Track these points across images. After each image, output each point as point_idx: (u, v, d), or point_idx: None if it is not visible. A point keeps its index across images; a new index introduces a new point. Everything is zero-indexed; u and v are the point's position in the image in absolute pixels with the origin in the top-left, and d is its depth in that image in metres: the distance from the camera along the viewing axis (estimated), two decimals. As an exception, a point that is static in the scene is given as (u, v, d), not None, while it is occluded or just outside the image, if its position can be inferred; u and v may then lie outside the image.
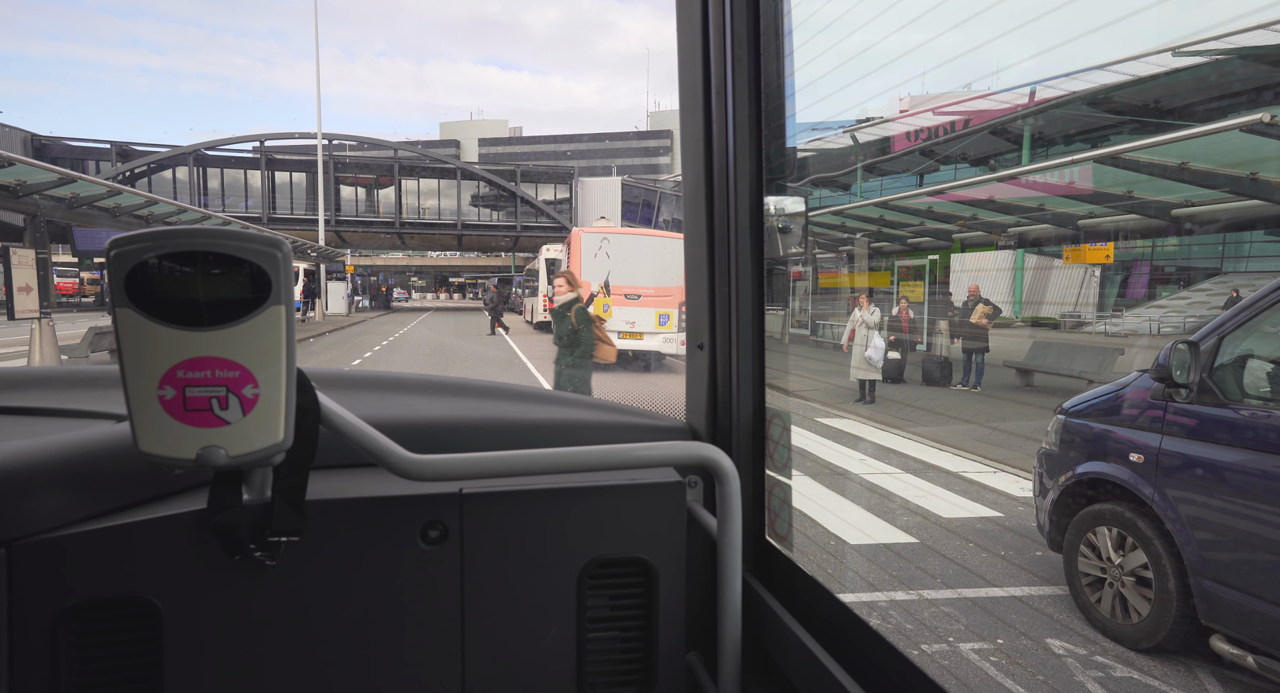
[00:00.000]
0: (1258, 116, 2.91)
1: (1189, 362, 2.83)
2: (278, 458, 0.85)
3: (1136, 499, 3.13)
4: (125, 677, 0.96)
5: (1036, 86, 7.95)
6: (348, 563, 1.01)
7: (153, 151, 36.12)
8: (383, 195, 39.62)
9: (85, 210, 13.72)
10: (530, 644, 1.08)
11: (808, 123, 10.23)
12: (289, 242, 0.82)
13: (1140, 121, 5.21)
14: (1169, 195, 4.56)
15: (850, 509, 5.28)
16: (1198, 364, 2.82)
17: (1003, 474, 5.94)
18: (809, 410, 9.12)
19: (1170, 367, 2.88)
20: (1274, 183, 3.58)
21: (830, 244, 12.08)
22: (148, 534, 0.95)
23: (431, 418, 1.20)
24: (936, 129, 11.08)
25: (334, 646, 1.01)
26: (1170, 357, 2.88)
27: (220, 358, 0.77)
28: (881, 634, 0.92)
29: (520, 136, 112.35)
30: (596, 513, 1.09)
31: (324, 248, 29.73)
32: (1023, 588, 3.83)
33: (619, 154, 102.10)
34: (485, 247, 49.54)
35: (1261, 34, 2.69)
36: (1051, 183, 6.13)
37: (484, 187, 40.68)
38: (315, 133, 33.65)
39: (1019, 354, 8.17)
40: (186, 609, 0.96)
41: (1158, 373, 2.96)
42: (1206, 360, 2.82)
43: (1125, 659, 3.06)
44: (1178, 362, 2.86)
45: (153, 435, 0.78)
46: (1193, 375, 2.83)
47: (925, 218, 9.16)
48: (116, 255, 0.75)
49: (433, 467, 0.94)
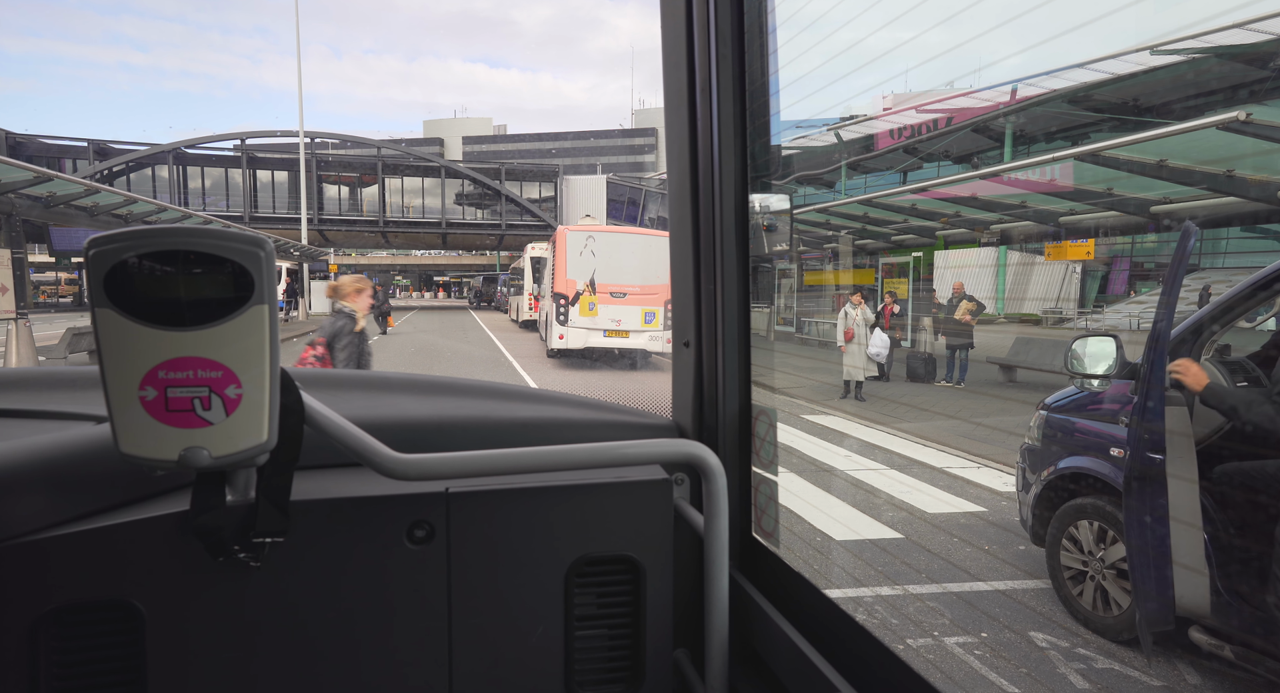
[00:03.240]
0: (1233, 114, 2.95)
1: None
2: (262, 459, 0.84)
3: (1117, 493, 3.17)
4: (107, 681, 0.95)
5: (1018, 84, 8.02)
6: (333, 564, 1.01)
7: (131, 150, 35.61)
8: (366, 194, 39.29)
9: (62, 209, 13.50)
10: (518, 643, 1.08)
11: (792, 120, 10.25)
12: (271, 240, 0.81)
13: (1119, 119, 5.28)
14: (1148, 192, 4.62)
15: (836, 505, 5.31)
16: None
17: (986, 469, 6.01)
18: (795, 407, 9.16)
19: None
20: (1250, 180, 3.64)
21: (815, 241, 12.13)
22: (129, 536, 0.94)
23: (417, 417, 1.19)
24: (919, 127, 11.17)
25: (320, 647, 1.00)
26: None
27: (203, 358, 0.77)
28: (867, 629, 0.92)
29: (505, 135, 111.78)
30: (583, 511, 1.09)
31: (307, 247, 29.43)
32: (1006, 582, 3.87)
33: (604, 152, 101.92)
34: (470, 245, 49.30)
35: (1237, 33, 2.73)
36: (1033, 180, 6.19)
37: (468, 185, 40.46)
38: (297, 131, 33.31)
39: (1002, 350, 8.25)
40: (169, 612, 0.95)
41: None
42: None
43: (1106, 651, 3.11)
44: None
45: (134, 437, 0.77)
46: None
47: (909, 215, 9.23)
48: (95, 255, 0.74)
49: (419, 466, 0.93)
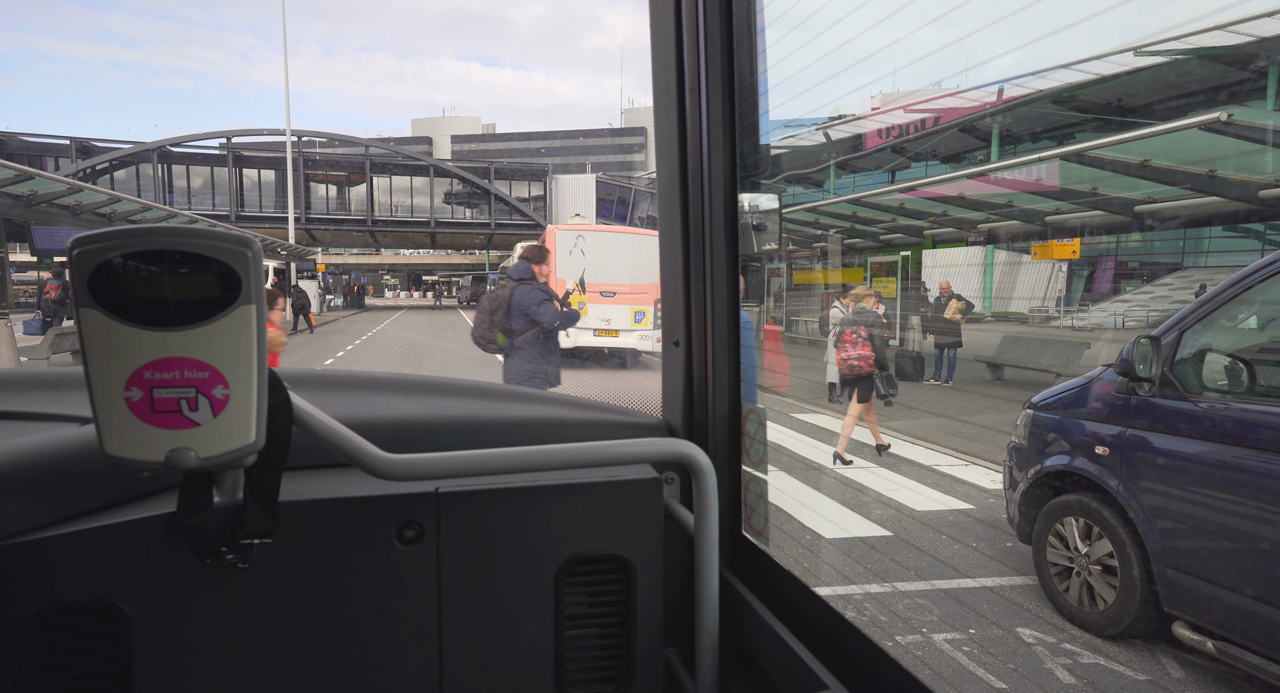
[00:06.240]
0: (1215, 115, 2.99)
1: (1151, 356, 2.90)
2: (250, 459, 0.83)
3: (1102, 490, 3.20)
4: (92, 685, 0.94)
5: (1004, 85, 8.08)
6: (322, 564, 1.00)
7: (115, 148, 35.22)
8: (354, 193, 39.06)
9: (44, 208, 13.36)
10: (508, 643, 1.08)
11: (781, 120, 10.30)
12: (258, 240, 0.81)
13: (1104, 120, 5.33)
14: (1132, 192, 4.68)
15: (825, 503, 5.34)
16: (1159, 358, 2.89)
17: (974, 467, 6.05)
18: (784, 406, 9.20)
19: (1133, 361, 2.95)
20: (1231, 180, 3.69)
21: (804, 241, 12.20)
22: (114, 538, 0.93)
23: (406, 417, 1.19)
24: (907, 126, 11.24)
25: (309, 648, 1.00)
26: (1133, 351, 2.96)
27: (189, 358, 0.76)
28: (856, 626, 0.93)
29: (494, 134, 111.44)
30: (574, 511, 1.09)
31: (294, 246, 29.23)
32: (994, 579, 3.91)
33: (594, 151, 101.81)
34: (459, 244, 49.14)
35: (1218, 35, 2.77)
36: (1019, 180, 6.25)
37: (457, 184, 40.31)
38: (285, 129, 33.08)
39: (989, 349, 8.32)
40: (156, 615, 0.94)
41: (1122, 367, 3.03)
42: (1168, 355, 2.89)
43: (1092, 646, 3.14)
44: (1140, 356, 2.93)
45: (119, 438, 0.77)
46: (1155, 369, 2.91)
47: (897, 214, 9.29)
48: (79, 255, 0.73)
49: (408, 466, 0.93)
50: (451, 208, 40.47)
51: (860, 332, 6.49)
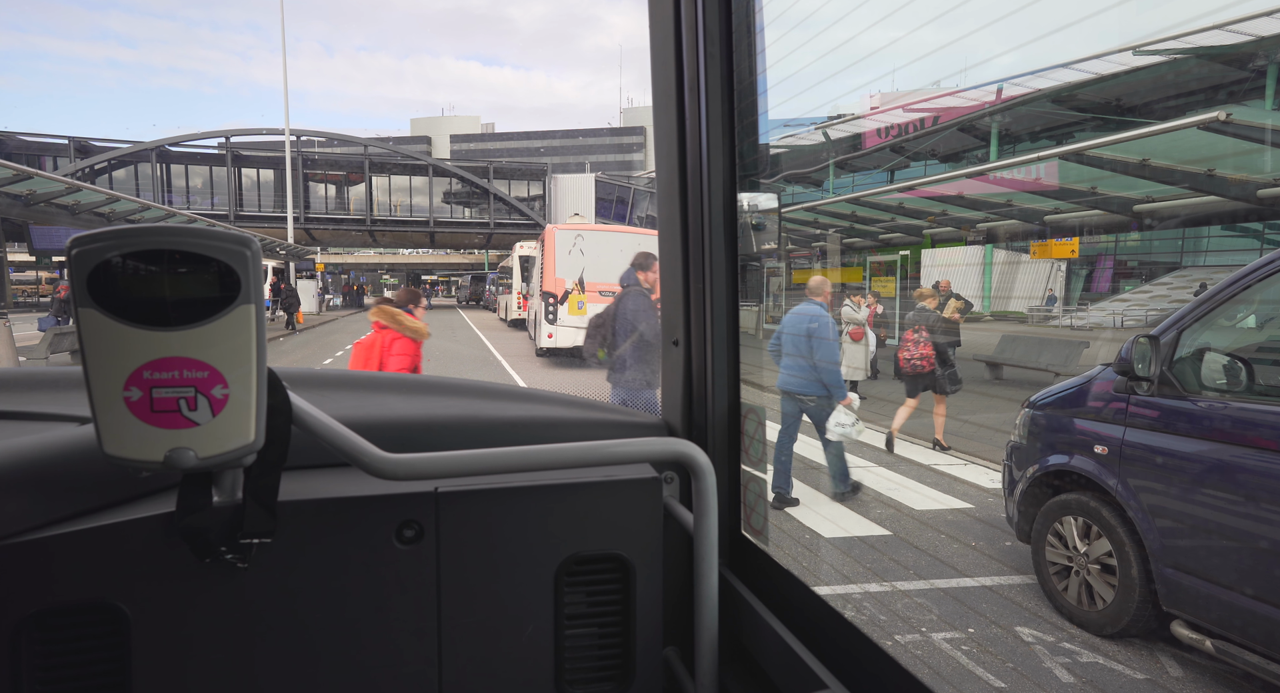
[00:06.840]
0: (1213, 115, 2.99)
1: (1150, 355, 2.90)
2: (249, 459, 0.83)
3: (1101, 490, 3.21)
4: (91, 685, 0.94)
5: (1003, 84, 8.08)
6: (322, 564, 1.00)
7: (114, 148, 35.17)
8: (353, 192, 39.04)
9: (43, 207, 13.34)
10: (508, 642, 1.08)
11: (780, 119, 10.30)
12: (258, 240, 0.81)
13: (1103, 119, 5.34)
14: (1130, 191, 4.68)
15: (824, 503, 5.34)
16: (1158, 358, 2.89)
17: (973, 466, 6.06)
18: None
19: (1132, 360, 2.95)
20: (1230, 179, 3.69)
21: (803, 240, 12.20)
22: (113, 538, 0.93)
23: (406, 417, 1.19)
24: (907, 125, 11.24)
25: (309, 648, 1.00)
26: (1132, 350, 2.96)
27: (188, 358, 0.76)
28: (856, 626, 0.93)
29: (493, 133, 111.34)
30: (573, 510, 1.10)
31: (293, 245, 29.21)
32: (993, 578, 3.91)
33: (593, 150, 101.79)
34: (458, 244, 49.09)
35: (1217, 34, 2.77)
36: (1018, 179, 6.25)
37: (456, 183, 40.29)
38: (284, 129, 33.04)
39: (988, 348, 8.32)
40: (155, 615, 0.94)
41: (1120, 366, 3.03)
42: (1167, 354, 2.89)
43: (1091, 645, 3.14)
44: (1139, 355, 2.93)
45: (118, 438, 0.77)
46: (1154, 369, 2.91)
47: (896, 214, 9.29)
48: (78, 254, 0.73)
49: (407, 466, 0.93)
50: (450, 207, 40.46)
51: (921, 331, 6.51)
